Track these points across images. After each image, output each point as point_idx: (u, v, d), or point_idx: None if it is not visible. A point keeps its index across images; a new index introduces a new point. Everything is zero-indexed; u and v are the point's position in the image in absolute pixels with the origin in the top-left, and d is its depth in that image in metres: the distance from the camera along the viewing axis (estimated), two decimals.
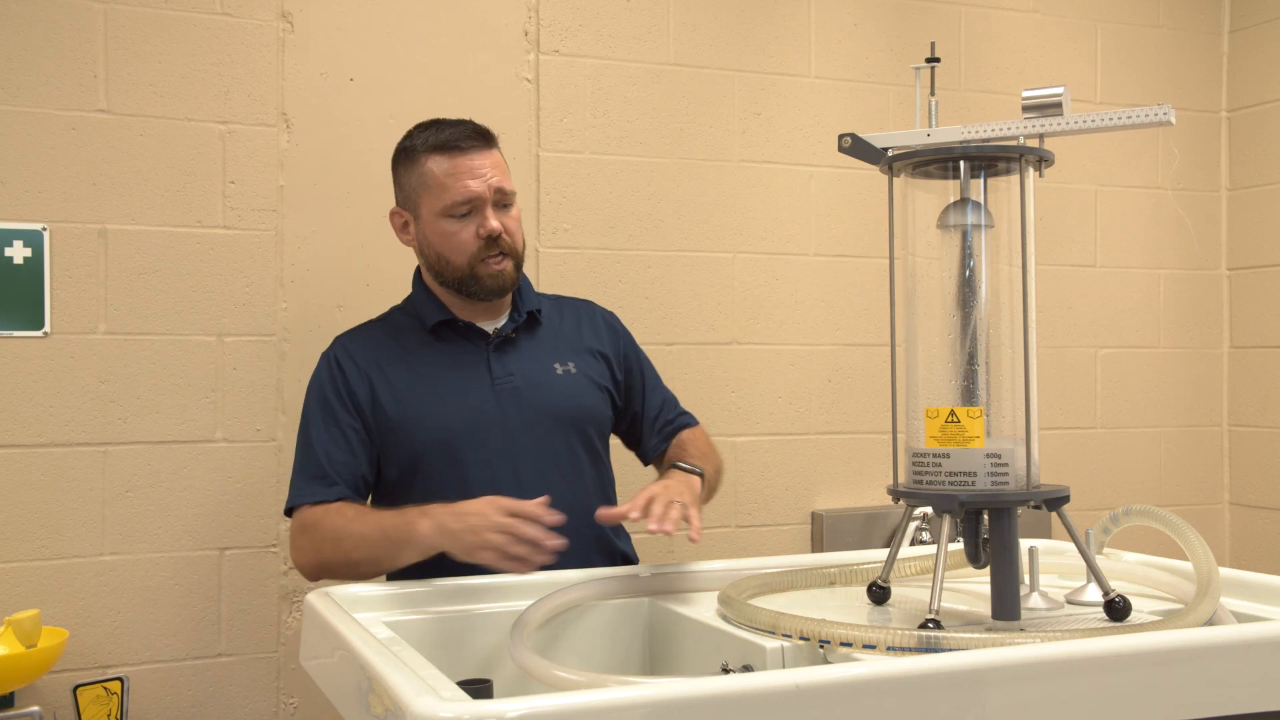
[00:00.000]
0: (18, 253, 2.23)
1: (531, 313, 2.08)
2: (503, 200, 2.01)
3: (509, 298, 2.09)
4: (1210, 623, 1.34)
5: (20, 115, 2.24)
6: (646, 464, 2.21)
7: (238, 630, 2.36)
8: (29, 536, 2.23)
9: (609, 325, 2.19)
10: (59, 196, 2.26)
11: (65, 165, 2.26)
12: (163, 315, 2.32)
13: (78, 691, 2.14)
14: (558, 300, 2.21)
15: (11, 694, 2.08)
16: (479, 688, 1.29)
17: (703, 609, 1.53)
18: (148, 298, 2.31)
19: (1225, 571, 1.53)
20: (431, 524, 1.72)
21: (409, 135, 2.04)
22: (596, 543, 2.02)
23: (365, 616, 1.46)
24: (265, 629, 2.38)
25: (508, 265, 2.01)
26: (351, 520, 1.85)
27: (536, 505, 1.67)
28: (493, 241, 1.98)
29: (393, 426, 1.97)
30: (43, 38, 2.25)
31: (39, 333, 2.24)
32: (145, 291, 2.31)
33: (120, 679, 2.19)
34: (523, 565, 1.64)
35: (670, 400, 2.22)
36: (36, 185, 2.25)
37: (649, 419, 2.18)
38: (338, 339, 2.08)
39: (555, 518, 1.66)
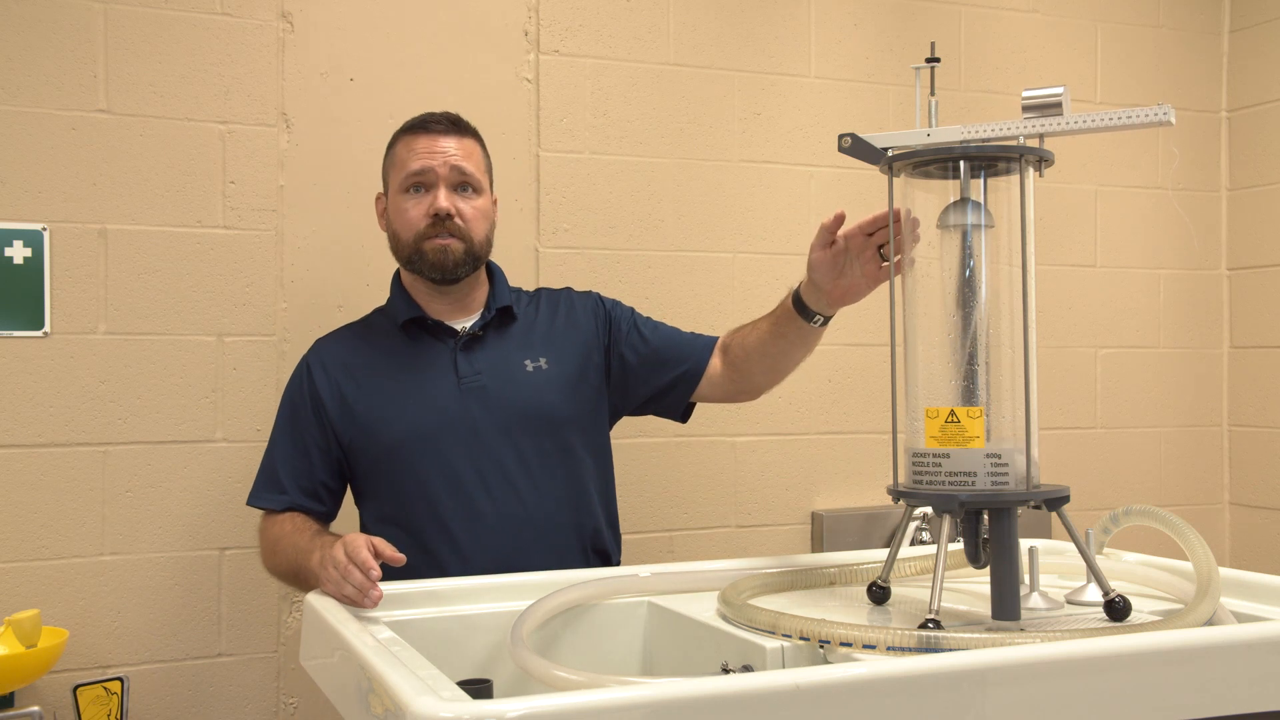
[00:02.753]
0: (18, 253, 2.23)
1: (503, 309, 2.06)
2: (462, 182, 2.00)
3: (483, 295, 2.08)
4: (1210, 623, 1.34)
5: (20, 115, 2.24)
6: (694, 391, 2.06)
7: (237, 630, 2.36)
8: (29, 536, 2.23)
9: (586, 308, 2.13)
10: (59, 196, 2.26)
11: (65, 165, 2.26)
12: (163, 315, 2.32)
13: (78, 691, 2.14)
14: (535, 294, 2.17)
15: (11, 694, 2.08)
16: (479, 688, 1.29)
17: (703, 609, 1.53)
18: (148, 298, 2.31)
19: (1225, 571, 1.53)
20: (319, 557, 1.65)
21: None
22: (574, 543, 2.00)
23: (365, 616, 1.46)
24: (265, 629, 2.38)
25: (454, 244, 1.98)
26: (289, 534, 1.90)
27: (369, 557, 1.53)
28: (439, 221, 1.97)
29: (361, 427, 1.98)
30: (43, 38, 2.25)
31: (39, 333, 2.24)
32: (145, 291, 2.31)
33: (120, 679, 2.19)
34: (359, 600, 1.53)
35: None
36: (36, 185, 2.25)
37: (680, 344, 2.08)
38: (315, 344, 2.10)
39: (378, 572, 1.53)
